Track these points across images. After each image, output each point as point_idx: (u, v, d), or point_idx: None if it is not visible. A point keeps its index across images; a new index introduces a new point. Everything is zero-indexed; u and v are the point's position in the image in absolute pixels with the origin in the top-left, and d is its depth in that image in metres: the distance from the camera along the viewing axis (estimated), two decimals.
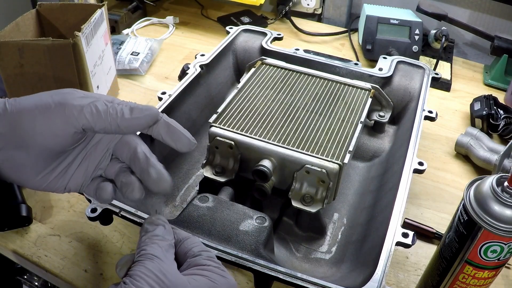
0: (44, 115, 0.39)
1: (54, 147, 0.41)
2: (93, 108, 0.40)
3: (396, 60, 0.84)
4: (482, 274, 0.49)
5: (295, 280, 0.49)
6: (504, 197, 0.44)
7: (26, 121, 0.39)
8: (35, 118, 0.39)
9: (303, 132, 0.64)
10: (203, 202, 0.57)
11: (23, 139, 0.39)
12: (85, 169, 0.45)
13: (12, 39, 0.73)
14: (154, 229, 0.42)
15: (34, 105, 0.39)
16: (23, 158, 0.40)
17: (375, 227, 0.60)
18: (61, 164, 0.43)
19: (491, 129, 0.87)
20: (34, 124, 0.39)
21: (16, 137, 0.39)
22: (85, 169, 0.45)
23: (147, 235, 0.41)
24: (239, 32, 0.91)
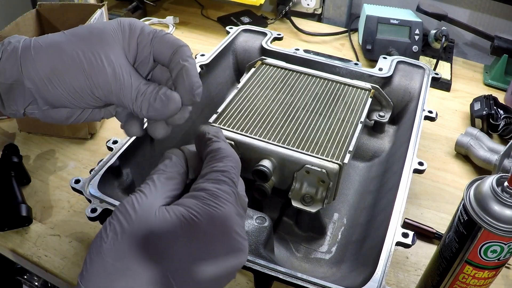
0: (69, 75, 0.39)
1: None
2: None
3: (396, 60, 0.84)
4: (482, 274, 0.49)
5: (295, 280, 0.49)
6: (504, 197, 0.44)
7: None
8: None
9: (303, 132, 0.64)
10: None
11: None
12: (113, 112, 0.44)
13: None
14: (160, 163, 0.39)
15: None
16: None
17: (375, 227, 0.60)
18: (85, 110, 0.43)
19: (491, 129, 0.87)
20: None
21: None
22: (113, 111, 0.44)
23: (153, 170, 0.39)
24: (239, 32, 0.91)
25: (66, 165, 0.79)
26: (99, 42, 0.39)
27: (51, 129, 0.83)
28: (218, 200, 0.33)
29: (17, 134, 0.85)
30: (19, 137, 0.85)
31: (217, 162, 0.36)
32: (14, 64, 0.38)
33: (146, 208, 0.33)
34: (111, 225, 0.32)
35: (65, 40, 0.39)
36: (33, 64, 0.38)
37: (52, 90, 0.39)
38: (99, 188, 0.56)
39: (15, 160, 0.74)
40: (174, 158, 0.39)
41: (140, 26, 0.42)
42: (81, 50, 0.39)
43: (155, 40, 0.42)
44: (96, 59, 0.39)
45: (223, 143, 0.38)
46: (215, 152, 0.37)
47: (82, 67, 0.38)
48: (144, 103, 0.40)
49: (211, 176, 0.35)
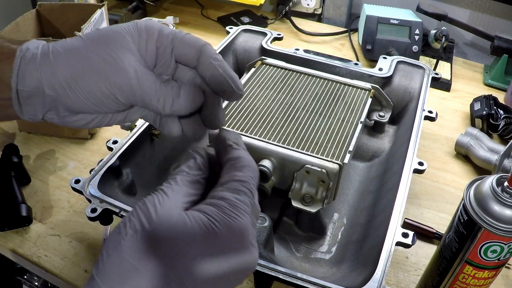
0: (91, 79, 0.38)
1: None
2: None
3: (396, 60, 0.84)
4: (482, 274, 0.49)
5: (295, 280, 0.49)
6: (504, 197, 0.44)
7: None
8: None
9: (303, 132, 0.64)
10: None
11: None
12: (138, 113, 0.44)
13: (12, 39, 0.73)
14: (184, 163, 0.39)
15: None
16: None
17: (375, 227, 0.60)
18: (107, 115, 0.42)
19: (491, 129, 0.87)
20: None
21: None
22: (138, 112, 0.44)
23: (176, 169, 0.38)
24: (239, 32, 0.91)
25: (66, 165, 0.79)
26: (116, 45, 0.39)
27: (51, 129, 0.83)
28: (237, 211, 0.34)
29: (17, 134, 0.85)
30: (19, 137, 0.85)
31: (237, 171, 0.37)
32: (33, 71, 0.38)
33: (167, 210, 0.33)
34: (131, 222, 0.33)
35: (82, 45, 0.39)
36: (53, 70, 0.38)
37: (73, 96, 0.39)
38: (99, 188, 0.56)
39: (15, 160, 0.74)
40: (199, 159, 0.39)
41: (157, 28, 0.41)
42: (100, 54, 0.38)
43: (175, 42, 0.41)
44: (115, 62, 0.38)
45: (243, 151, 0.39)
46: (235, 160, 0.38)
47: (102, 71, 0.38)
48: (168, 101, 0.40)
49: (231, 186, 0.36)
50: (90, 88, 0.38)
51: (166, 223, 0.32)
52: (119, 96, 0.39)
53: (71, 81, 0.38)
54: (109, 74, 0.38)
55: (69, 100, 0.39)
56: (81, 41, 0.39)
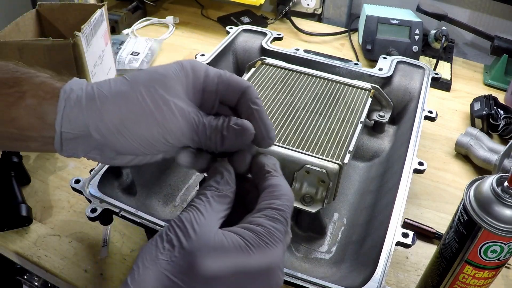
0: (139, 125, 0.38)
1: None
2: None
3: (396, 60, 0.84)
4: (482, 274, 0.49)
5: (295, 280, 0.49)
6: (504, 197, 0.44)
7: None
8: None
9: (303, 132, 0.64)
10: None
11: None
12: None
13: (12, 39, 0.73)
14: (211, 178, 0.40)
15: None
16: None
17: (375, 227, 0.60)
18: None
19: (491, 129, 0.87)
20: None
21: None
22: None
23: (204, 184, 0.39)
24: (239, 32, 0.91)
25: (66, 165, 0.79)
26: (164, 88, 0.39)
27: None
28: (273, 239, 0.35)
29: None
30: None
31: (275, 199, 0.38)
32: (79, 114, 0.37)
33: (205, 230, 0.35)
34: (168, 237, 0.34)
35: (130, 89, 0.39)
36: (101, 116, 0.37)
37: (123, 141, 0.38)
38: (99, 188, 0.56)
39: (15, 160, 0.74)
40: (226, 174, 0.40)
41: (203, 69, 0.41)
42: (149, 98, 0.38)
43: (220, 84, 0.41)
44: (166, 107, 0.38)
45: (281, 179, 0.40)
46: (274, 188, 0.39)
47: (153, 116, 0.38)
48: (218, 137, 0.40)
49: (268, 213, 0.37)
50: (140, 133, 0.38)
51: (204, 243, 0.34)
52: (170, 139, 0.39)
53: (120, 126, 0.38)
54: (160, 119, 0.38)
55: (117, 144, 0.38)
56: (127, 84, 0.39)
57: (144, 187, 0.66)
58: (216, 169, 0.40)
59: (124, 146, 0.39)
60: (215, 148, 0.41)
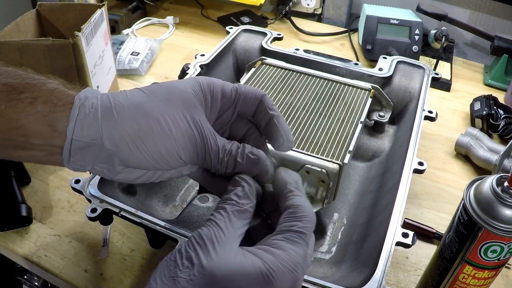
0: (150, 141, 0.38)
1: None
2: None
3: (396, 60, 0.84)
4: (482, 274, 0.49)
5: None
6: (504, 197, 0.44)
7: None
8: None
9: (303, 132, 0.64)
10: (203, 202, 0.57)
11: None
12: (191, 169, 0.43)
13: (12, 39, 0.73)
14: (231, 191, 0.39)
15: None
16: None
17: (375, 227, 0.60)
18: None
19: (491, 129, 0.87)
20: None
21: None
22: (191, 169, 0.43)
23: (224, 197, 0.39)
24: (239, 32, 0.91)
25: None
26: (182, 104, 0.39)
27: None
28: (293, 263, 0.35)
29: None
30: None
31: (296, 221, 0.38)
32: (93, 123, 0.36)
33: (226, 249, 0.35)
34: (188, 254, 0.34)
35: (147, 101, 0.38)
36: (116, 125, 0.37)
37: (136, 153, 0.38)
38: (99, 188, 0.56)
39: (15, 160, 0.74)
40: (247, 187, 0.39)
41: (220, 86, 0.42)
42: (167, 113, 0.38)
43: (239, 99, 0.42)
44: (183, 121, 0.38)
45: (303, 199, 0.40)
46: (296, 209, 0.39)
47: (169, 130, 0.38)
48: (231, 162, 0.40)
49: (289, 236, 0.37)
50: (155, 146, 0.37)
51: (225, 264, 0.34)
52: (183, 156, 0.39)
53: (135, 137, 0.37)
54: (177, 134, 0.38)
55: (130, 156, 0.38)
56: (145, 96, 0.38)
57: (144, 187, 0.66)
58: (237, 181, 0.40)
59: (136, 159, 0.38)
60: (224, 171, 0.41)
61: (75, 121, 0.36)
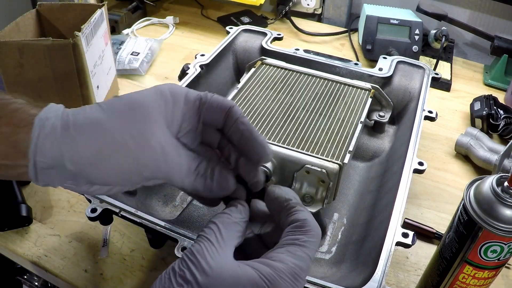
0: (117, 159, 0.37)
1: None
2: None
3: (396, 60, 0.84)
4: (482, 274, 0.49)
5: None
6: (504, 197, 0.44)
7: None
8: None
9: (303, 132, 0.64)
10: None
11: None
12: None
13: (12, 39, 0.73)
14: (224, 209, 0.40)
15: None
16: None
17: (375, 227, 0.60)
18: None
19: (491, 129, 0.87)
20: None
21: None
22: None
23: (217, 213, 0.39)
24: (239, 32, 0.91)
25: None
26: (142, 119, 0.37)
27: None
28: (292, 275, 0.35)
29: None
30: None
31: (301, 234, 0.37)
32: (53, 144, 0.36)
33: (220, 264, 0.34)
34: (181, 272, 0.34)
35: (105, 118, 0.37)
36: (75, 146, 0.36)
37: (97, 173, 0.37)
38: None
39: None
40: (240, 206, 0.40)
41: (183, 94, 0.40)
42: (126, 131, 0.37)
43: (203, 107, 0.40)
44: (142, 139, 0.37)
45: (308, 214, 0.39)
46: (302, 223, 0.38)
47: (129, 149, 0.37)
48: (199, 183, 0.40)
49: (292, 250, 0.36)
50: (115, 165, 0.37)
51: (219, 280, 0.33)
52: (145, 173, 0.38)
53: (94, 158, 0.36)
54: (136, 151, 0.37)
55: (91, 175, 0.37)
56: (102, 113, 0.37)
57: (144, 187, 0.66)
58: (231, 203, 0.41)
59: (98, 178, 0.37)
60: (191, 189, 0.40)
61: (36, 143, 0.35)
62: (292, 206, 0.40)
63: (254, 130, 0.41)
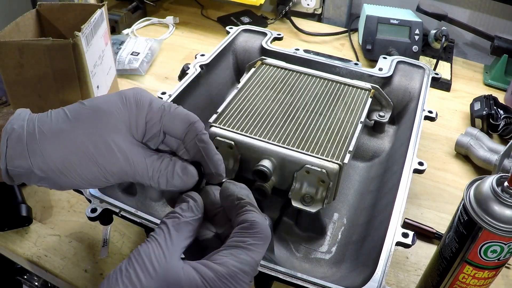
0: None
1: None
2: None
3: (396, 60, 0.84)
4: (482, 274, 0.49)
5: (295, 280, 0.49)
6: (504, 197, 0.44)
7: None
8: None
9: (303, 132, 0.64)
10: None
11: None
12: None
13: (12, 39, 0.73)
14: (176, 207, 0.39)
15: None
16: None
17: (375, 227, 0.60)
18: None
19: (491, 129, 0.87)
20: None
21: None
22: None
23: (168, 212, 0.39)
24: (239, 32, 0.91)
25: None
26: (105, 127, 0.39)
27: None
28: (235, 281, 0.35)
29: None
30: None
31: (247, 237, 0.37)
32: (21, 154, 0.38)
33: (165, 268, 0.34)
34: (127, 273, 0.34)
35: (69, 127, 0.39)
36: (42, 156, 0.38)
37: (64, 179, 0.39)
38: (99, 188, 0.56)
39: None
40: (191, 202, 0.39)
41: (147, 101, 0.41)
42: (89, 140, 0.38)
43: (165, 117, 0.41)
44: (106, 148, 0.38)
45: (257, 214, 0.39)
46: (249, 224, 0.37)
47: (93, 158, 0.38)
48: (162, 180, 0.40)
49: (236, 253, 0.36)
50: (82, 173, 0.38)
51: (163, 283, 0.34)
52: (110, 178, 0.39)
53: (61, 166, 0.38)
54: (100, 159, 0.38)
55: (60, 182, 0.39)
56: (68, 123, 0.39)
57: (144, 187, 0.66)
58: (183, 198, 0.40)
59: (67, 183, 0.39)
60: (157, 187, 0.41)
61: (5, 155, 0.37)
62: (243, 206, 0.39)
63: (212, 149, 0.41)
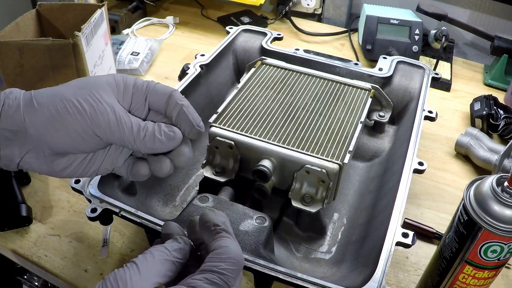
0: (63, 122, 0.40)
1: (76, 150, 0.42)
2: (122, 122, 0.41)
3: (396, 60, 0.84)
4: (482, 274, 0.49)
5: (295, 280, 0.49)
6: (504, 197, 0.44)
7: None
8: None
9: (303, 132, 0.64)
10: (203, 202, 0.57)
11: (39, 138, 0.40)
12: (116, 157, 0.45)
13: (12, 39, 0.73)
14: (167, 242, 0.41)
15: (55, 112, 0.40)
16: (43, 155, 0.42)
17: (375, 227, 0.60)
18: (87, 156, 0.44)
19: (491, 129, 0.87)
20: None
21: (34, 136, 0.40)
22: (116, 156, 0.45)
23: (158, 244, 0.41)
24: (239, 32, 0.91)
25: None
26: (96, 88, 0.42)
27: None
28: None
29: None
30: None
31: (220, 262, 0.38)
32: (16, 111, 0.40)
33: None
34: None
35: (65, 89, 0.42)
36: (36, 112, 0.40)
37: (54, 134, 0.40)
38: (99, 188, 0.56)
39: None
40: (183, 245, 0.41)
41: (132, 79, 0.45)
42: (81, 95, 0.41)
43: (148, 91, 0.44)
44: (95, 101, 0.41)
45: (231, 241, 0.40)
46: (222, 250, 0.39)
47: (83, 109, 0.40)
48: (149, 137, 0.42)
49: (209, 277, 0.37)
50: (71, 125, 0.40)
51: None
52: (98, 132, 0.41)
53: (53, 120, 0.40)
54: (90, 111, 0.40)
55: (50, 138, 0.40)
56: (62, 86, 0.42)
57: (144, 187, 0.66)
58: (176, 239, 0.42)
59: (56, 140, 0.41)
60: (142, 148, 0.42)
61: (0, 111, 0.39)
62: (218, 232, 0.41)
63: (191, 108, 0.44)
